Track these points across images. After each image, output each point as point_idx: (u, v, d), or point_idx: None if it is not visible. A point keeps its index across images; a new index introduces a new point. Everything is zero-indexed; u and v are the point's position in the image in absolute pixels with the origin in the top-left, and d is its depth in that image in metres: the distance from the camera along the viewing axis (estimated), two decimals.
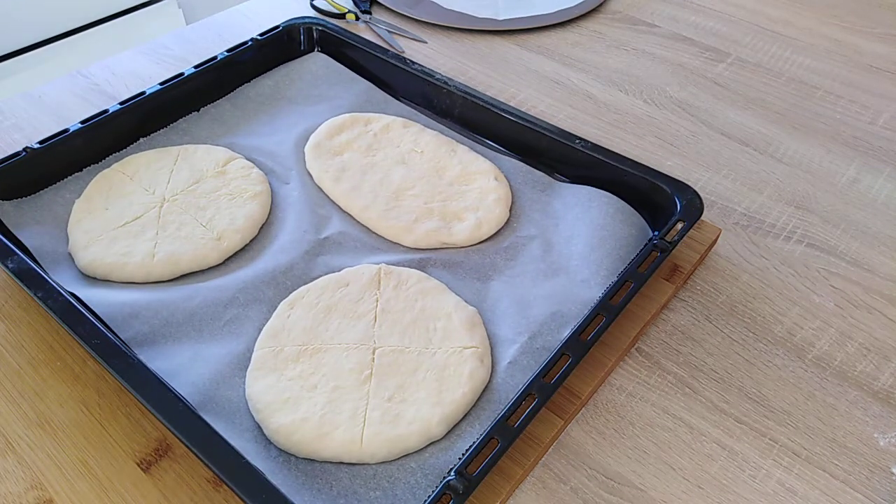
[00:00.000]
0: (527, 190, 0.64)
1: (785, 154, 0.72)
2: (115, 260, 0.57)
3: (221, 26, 0.91)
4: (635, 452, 0.48)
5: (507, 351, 0.51)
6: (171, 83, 0.69)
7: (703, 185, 0.68)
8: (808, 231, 0.64)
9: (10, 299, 0.57)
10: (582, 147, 0.63)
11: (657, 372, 0.53)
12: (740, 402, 0.51)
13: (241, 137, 0.70)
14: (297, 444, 0.45)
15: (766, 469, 0.47)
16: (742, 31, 0.90)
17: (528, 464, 0.46)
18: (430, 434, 0.46)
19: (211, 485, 0.45)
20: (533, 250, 0.59)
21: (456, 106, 0.71)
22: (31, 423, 0.49)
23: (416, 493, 0.43)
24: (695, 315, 0.57)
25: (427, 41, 0.88)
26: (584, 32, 0.90)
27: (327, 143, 0.67)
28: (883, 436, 0.49)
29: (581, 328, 0.49)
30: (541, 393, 0.45)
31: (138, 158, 0.66)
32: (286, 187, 0.65)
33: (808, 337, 0.55)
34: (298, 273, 0.57)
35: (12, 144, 0.72)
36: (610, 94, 0.80)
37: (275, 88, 0.75)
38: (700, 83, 0.82)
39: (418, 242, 0.60)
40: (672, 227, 0.56)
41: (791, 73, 0.83)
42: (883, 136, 0.74)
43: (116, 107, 0.66)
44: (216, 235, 0.59)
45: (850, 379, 0.53)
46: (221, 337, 0.52)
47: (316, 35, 0.79)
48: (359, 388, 0.48)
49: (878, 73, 0.83)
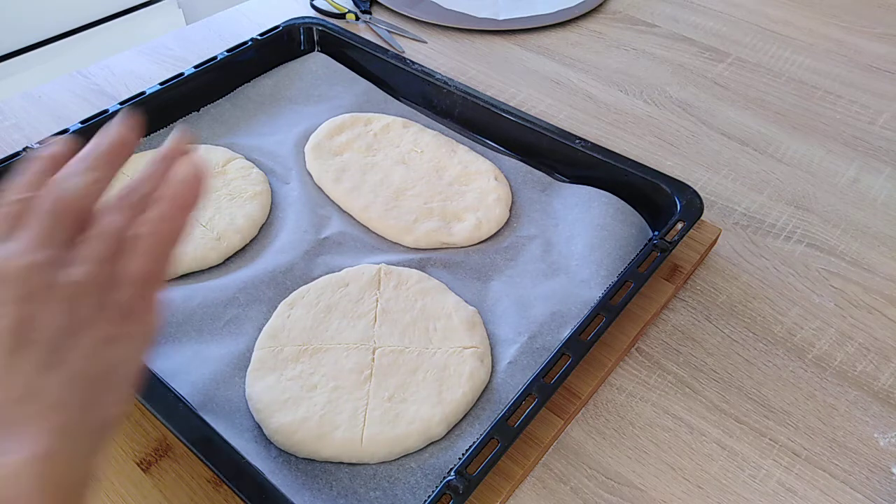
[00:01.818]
0: (527, 190, 0.64)
1: (785, 154, 0.72)
2: None
3: (221, 26, 0.91)
4: (635, 452, 0.48)
5: (507, 351, 0.51)
6: (171, 83, 0.69)
7: (703, 185, 0.68)
8: (808, 231, 0.64)
9: None
10: (582, 147, 0.63)
11: (657, 372, 0.53)
12: (740, 402, 0.51)
13: (241, 137, 0.70)
14: (297, 444, 0.45)
15: (766, 469, 0.47)
16: (742, 31, 0.90)
17: (528, 464, 0.46)
18: (430, 434, 0.46)
19: (211, 485, 0.45)
20: (533, 250, 0.59)
21: (456, 106, 0.71)
22: None
23: (416, 493, 0.43)
24: (695, 315, 0.57)
25: (427, 41, 0.88)
26: (584, 32, 0.90)
27: (327, 143, 0.67)
28: (883, 436, 0.49)
29: (581, 328, 0.49)
30: (541, 393, 0.45)
31: (138, 158, 0.65)
32: (286, 187, 0.65)
33: (808, 337, 0.55)
34: (298, 273, 0.57)
35: (12, 144, 0.72)
36: (610, 94, 0.80)
37: (275, 88, 0.75)
38: (700, 83, 0.82)
39: (418, 242, 0.60)
40: (672, 227, 0.56)
41: (791, 73, 0.83)
42: (883, 136, 0.74)
43: (116, 107, 0.66)
44: (216, 235, 0.59)
45: (850, 379, 0.53)
46: (221, 337, 0.52)
47: (316, 35, 0.79)
48: (359, 388, 0.48)
49: (878, 73, 0.83)
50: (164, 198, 0.31)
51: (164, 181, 0.32)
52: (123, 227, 0.30)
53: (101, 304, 0.28)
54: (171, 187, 0.32)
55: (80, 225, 0.30)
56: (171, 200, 0.31)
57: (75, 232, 0.30)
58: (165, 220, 0.31)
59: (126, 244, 0.30)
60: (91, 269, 0.29)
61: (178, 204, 0.32)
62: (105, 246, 0.29)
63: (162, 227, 0.31)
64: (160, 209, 0.31)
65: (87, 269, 0.28)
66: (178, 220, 0.32)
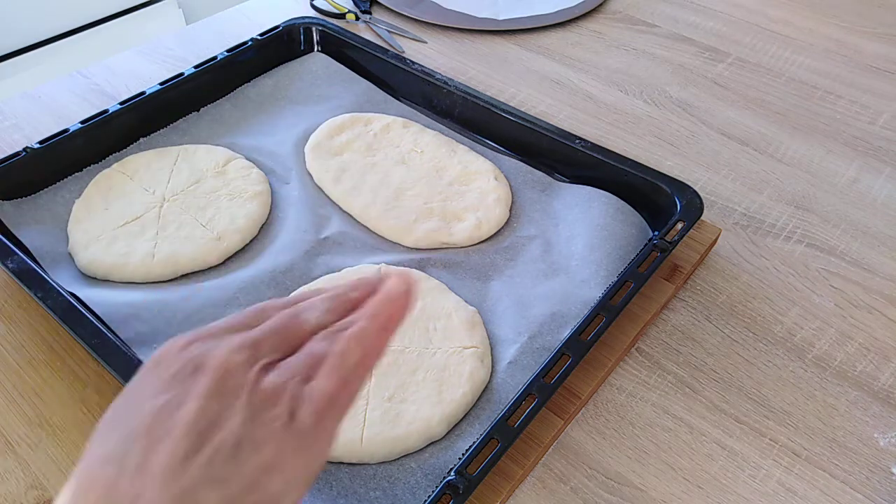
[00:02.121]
0: (527, 190, 0.64)
1: (785, 154, 0.72)
2: (115, 260, 0.57)
3: (221, 26, 0.91)
4: (635, 452, 0.48)
5: (507, 351, 0.51)
6: (171, 83, 0.69)
7: (703, 185, 0.68)
8: (808, 231, 0.64)
9: (10, 299, 0.57)
10: (582, 147, 0.63)
11: (657, 372, 0.53)
12: (740, 402, 0.51)
13: (241, 137, 0.70)
14: None
15: (766, 469, 0.47)
16: (742, 31, 0.90)
17: (528, 464, 0.46)
18: (430, 434, 0.46)
19: None
20: (533, 250, 0.59)
21: (456, 106, 0.71)
22: (31, 423, 0.49)
23: (416, 493, 0.43)
24: (695, 315, 0.57)
25: (427, 41, 0.88)
26: (584, 32, 0.90)
27: (327, 143, 0.67)
28: (883, 436, 0.49)
29: (581, 328, 0.49)
30: (541, 393, 0.45)
31: (138, 158, 0.66)
32: (286, 187, 0.65)
33: (808, 337, 0.55)
34: (298, 273, 0.57)
35: (12, 144, 0.72)
36: (610, 94, 0.80)
37: (275, 88, 0.75)
38: (700, 83, 0.82)
39: (418, 242, 0.60)
40: (672, 227, 0.56)
41: (791, 73, 0.83)
42: (883, 136, 0.74)
43: (116, 107, 0.66)
44: (216, 235, 0.59)
45: (850, 379, 0.53)
46: None
47: (316, 35, 0.79)
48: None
49: (878, 73, 0.83)
50: (366, 315, 0.29)
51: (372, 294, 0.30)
52: (327, 349, 0.29)
53: (282, 418, 0.27)
54: (377, 304, 0.30)
55: (293, 349, 0.29)
56: (373, 319, 0.29)
57: (286, 353, 0.29)
58: (364, 340, 0.29)
59: (322, 360, 0.28)
60: (283, 381, 0.27)
61: (379, 323, 0.29)
62: (304, 362, 0.28)
63: (357, 348, 0.29)
64: (360, 328, 0.29)
65: (279, 380, 0.27)
66: (377, 340, 0.29)
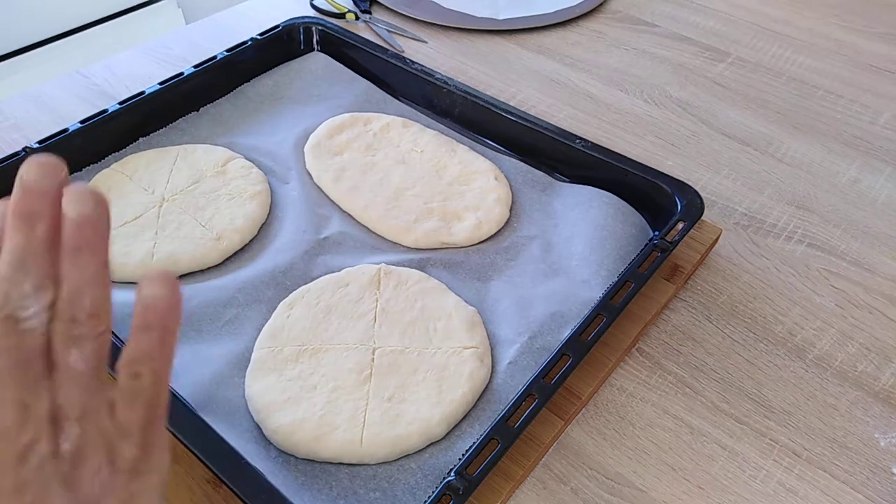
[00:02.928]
0: (527, 190, 0.64)
1: (785, 154, 0.72)
2: (115, 260, 0.56)
3: (221, 26, 0.91)
4: (636, 453, 0.48)
5: (507, 351, 0.51)
6: (171, 83, 0.69)
7: (704, 185, 0.68)
8: (808, 231, 0.64)
9: None
10: (582, 147, 0.63)
11: (657, 372, 0.53)
12: (741, 402, 0.51)
13: (240, 137, 0.70)
14: (297, 444, 0.45)
15: (766, 469, 0.47)
16: (742, 30, 0.90)
17: (528, 464, 0.46)
18: (430, 434, 0.46)
19: (211, 485, 0.45)
20: (533, 250, 0.59)
21: (456, 106, 0.71)
22: None
23: (416, 494, 0.43)
24: (695, 315, 0.57)
25: (427, 41, 0.88)
26: (584, 32, 0.90)
27: (327, 143, 0.67)
28: (884, 436, 0.49)
29: (581, 328, 0.49)
30: (541, 393, 0.45)
31: (138, 158, 0.65)
32: (286, 187, 0.65)
33: (809, 337, 0.55)
34: (298, 273, 0.57)
35: (12, 144, 0.72)
36: (610, 94, 0.80)
37: (274, 88, 0.75)
38: (700, 83, 0.82)
39: (418, 242, 0.60)
40: (673, 227, 0.56)
41: (791, 73, 0.83)
42: (883, 136, 0.74)
43: (116, 107, 0.66)
44: (216, 235, 0.59)
45: (850, 379, 0.53)
46: (221, 337, 0.52)
47: (316, 35, 0.79)
48: (359, 389, 0.48)
49: (878, 72, 0.83)
50: (143, 326, 0.25)
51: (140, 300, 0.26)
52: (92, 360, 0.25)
53: (104, 467, 0.24)
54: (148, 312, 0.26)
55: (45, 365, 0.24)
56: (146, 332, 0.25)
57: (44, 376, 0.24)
58: (149, 356, 0.25)
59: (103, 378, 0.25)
60: (85, 432, 0.24)
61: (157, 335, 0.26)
62: (83, 394, 0.24)
63: (145, 368, 0.25)
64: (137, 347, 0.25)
65: (80, 435, 0.24)
66: (162, 349, 0.26)
